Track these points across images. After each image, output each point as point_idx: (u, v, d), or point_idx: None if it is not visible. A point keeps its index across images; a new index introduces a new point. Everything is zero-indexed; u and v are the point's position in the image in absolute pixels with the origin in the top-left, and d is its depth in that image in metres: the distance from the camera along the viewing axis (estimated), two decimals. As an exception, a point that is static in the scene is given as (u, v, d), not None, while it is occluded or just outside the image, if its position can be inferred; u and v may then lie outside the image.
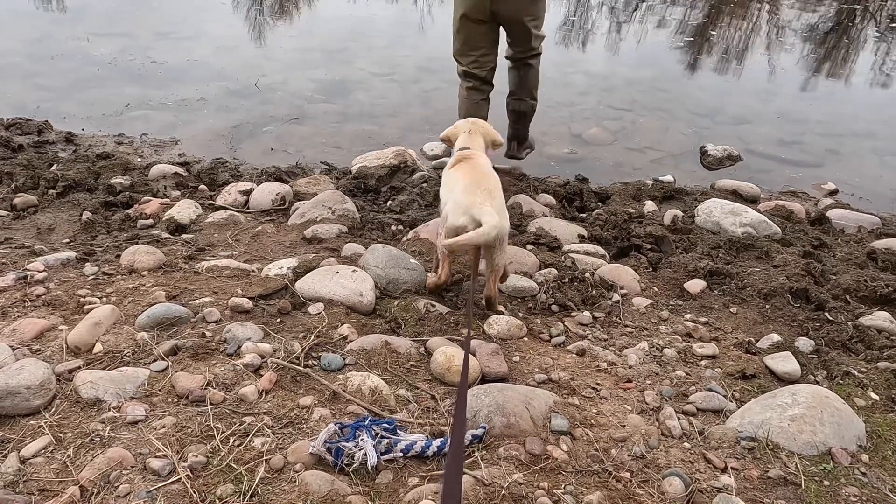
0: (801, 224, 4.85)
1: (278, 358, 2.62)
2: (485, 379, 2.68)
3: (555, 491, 2.13)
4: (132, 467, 2.05)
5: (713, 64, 8.62)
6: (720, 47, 9.41)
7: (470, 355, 2.75)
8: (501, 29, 4.68)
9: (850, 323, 3.38)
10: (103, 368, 2.49)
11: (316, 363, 2.66)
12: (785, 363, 2.95)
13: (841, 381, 2.91)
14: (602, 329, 3.24)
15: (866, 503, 2.22)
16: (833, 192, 5.75)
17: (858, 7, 12.61)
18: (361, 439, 2.15)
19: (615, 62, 8.26)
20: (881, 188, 5.94)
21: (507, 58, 4.90)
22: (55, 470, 2.03)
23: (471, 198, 2.96)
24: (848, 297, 3.66)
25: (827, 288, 3.71)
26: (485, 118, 4.59)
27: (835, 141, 6.79)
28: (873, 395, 2.81)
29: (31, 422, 2.23)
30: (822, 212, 5.15)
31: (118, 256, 3.43)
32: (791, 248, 4.28)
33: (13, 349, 2.53)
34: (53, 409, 2.28)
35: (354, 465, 2.11)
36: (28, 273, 3.15)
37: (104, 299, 2.99)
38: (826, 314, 3.47)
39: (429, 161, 5.57)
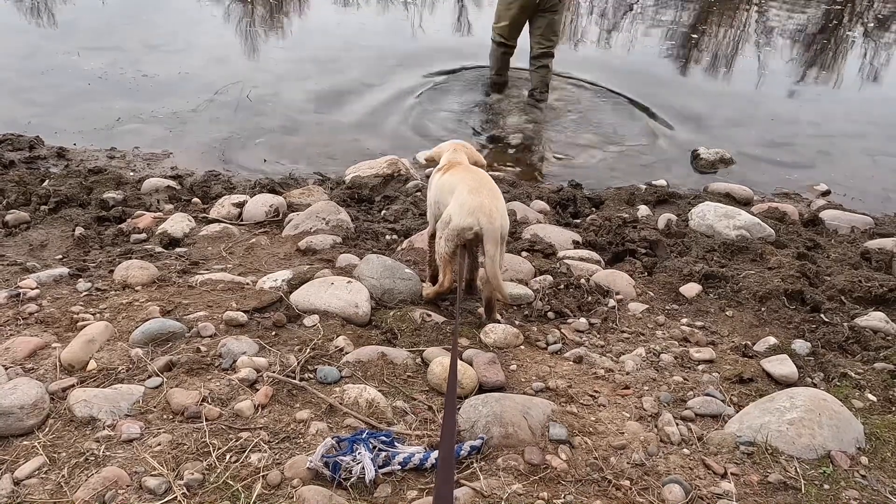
0: (795, 225, 4.87)
1: (274, 372, 2.60)
2: (482, 389, 2.67)
3: (554, 501, 2.12)
4: (128, 486, 2.03)
5: (704, 67, 8.66)
6: (710, 51, 9.47)
7: (467, 365, 2.74)
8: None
9: (845, 324, 3.38)
10: (97, 386, 2.47)
11: (312, 376, 2.65)
12: (782, 366, 2.95)
13: (838, 383, 2.91)
14: (599, 335, 3.24)
15: (867, 506, 2.22)
16: (825, 193, 5.78)
17: (845, 8, 12.71)
18: (359, 453, 2.13)
19: (606, 66, 8.29)
20: (873, 188, 5.97)
21: (532, 58, 6.80)
22: (49, 491, 2.01)
23: (478, 198, 2.95)
24: (843, 297, 3.67)
25: (822, 289, 3.72)
26: (508, 65, 6.97)
27: (826, 142, 6.82)
28: (871, 397, 2.81)
29: (25, 442, 2.21)
30: (815, 213, 5.17)
31: (111, 272, 3.41)
32: (785, 249, 4.29)
33: (6, 368, 2.51)
34: (47, 429, 2.26)
35: (352, 480, 2.10)
36: (20, 290, 3.13)
37: (98, 316, 2.97)
38: (822, 316, 3.48)
39: (422, 170, 5.57)
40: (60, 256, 3.79)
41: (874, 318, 3.41)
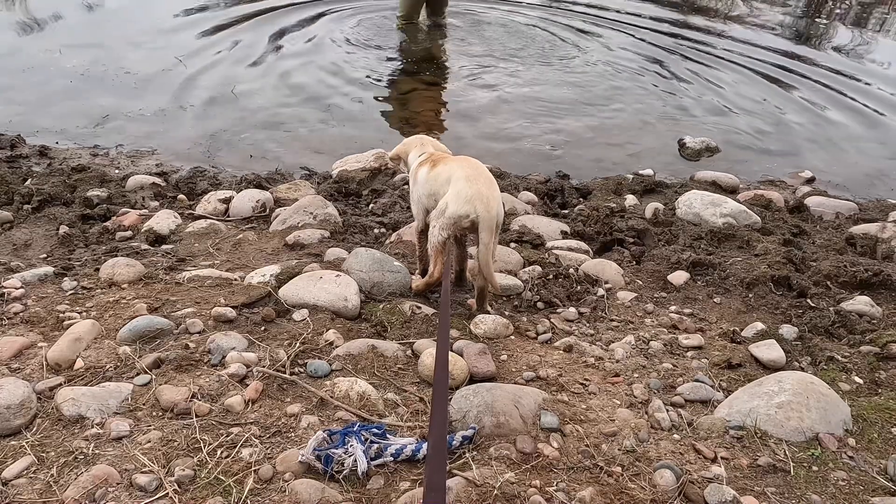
0: (781, 212, 4.90)
1: (264, 366, 2.59)
2: (473, 379, 2.67)
3: (547, 489, 2.13)
4: (118, 484, 2.02)
5: (688, 56, 8.68)
6: (695, 39, 9.48)
7: (458, 356, 2.74)
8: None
9: (831, 308, 3.42)
10: (85, 384, 2.45)
11: (302, 370, 2.64)
12: (770, 351, 2.98)
13: (825, 367, 2.94)
14: (588, 324, 3.25)
15: (854, 486, 2.24)
16: (810, 180, 5.82)
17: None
18: (351, 445, 2.13)
19: (589, 58, 8.30)
20: (857, 174, 6.02)
21: (427, 26, 9.17)
22: (39, 490, 1.99)
23: (475, 186, 2.95)
24: (829, 282, 3.70)
25: (808, 275, 3.75)
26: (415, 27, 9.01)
27: (810, 129, 6.87)
28: (857, 379, 2.85)
29: (13, 442, 2.18)
30: (801, 200, 5.21)
31: (97, 270, 3.38)
32: (771, 236, 4.33)
33: (-9, 369, 2.49)
34: (35, 429, 2.24)
35: (345, 472, 2.09)
36: (4, 290, 3.09)
37: (84, 314, 2.95)
38: (808, 301, 3.51)
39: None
40: (45, 255, 3.75)
41: (860, 303, 3.45)
